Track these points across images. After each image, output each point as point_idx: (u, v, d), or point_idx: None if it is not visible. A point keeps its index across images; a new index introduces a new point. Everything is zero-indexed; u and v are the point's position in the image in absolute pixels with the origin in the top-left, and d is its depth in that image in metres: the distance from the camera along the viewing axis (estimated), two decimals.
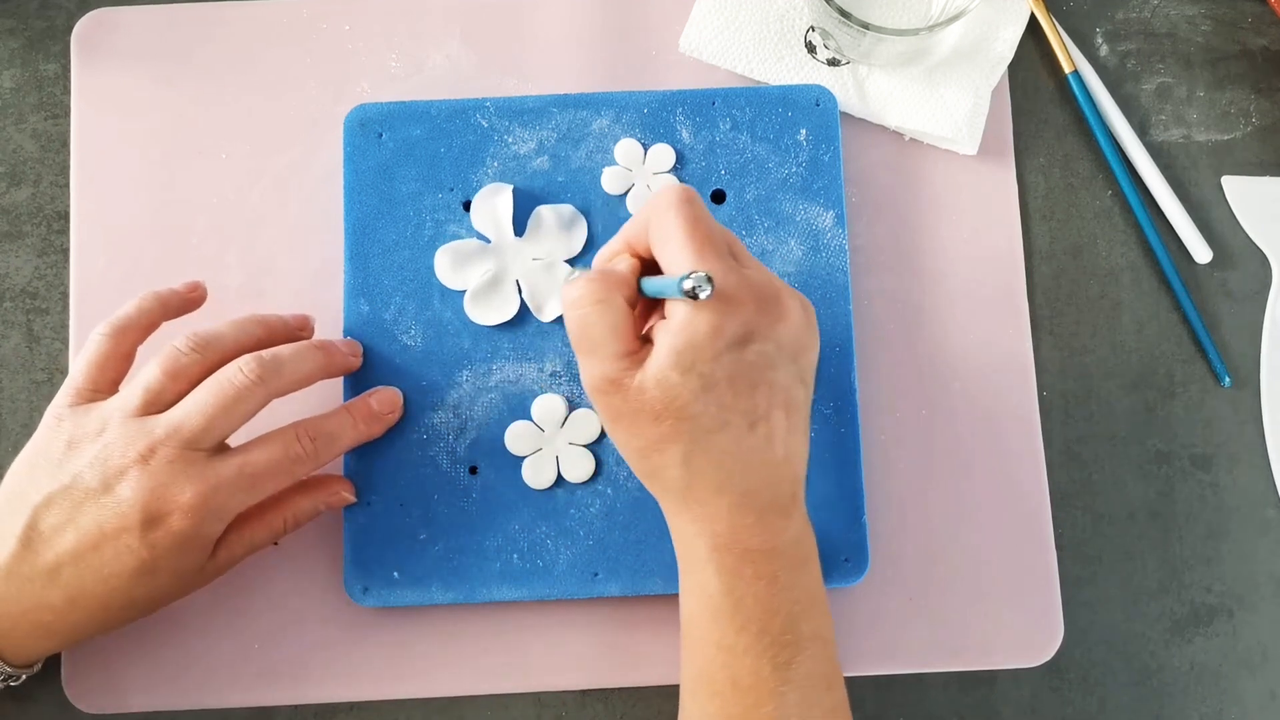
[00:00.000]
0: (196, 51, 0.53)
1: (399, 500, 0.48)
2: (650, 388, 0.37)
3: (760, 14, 0.53)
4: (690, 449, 0.38)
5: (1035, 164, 0.53)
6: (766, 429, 0.38)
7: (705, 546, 0.39)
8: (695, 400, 0.37)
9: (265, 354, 0.43)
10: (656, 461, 0.39)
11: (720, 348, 0.37)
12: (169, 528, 0.41)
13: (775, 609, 0.39)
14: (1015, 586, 0.49)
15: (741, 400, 0.38)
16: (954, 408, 0.50)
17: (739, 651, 0.38)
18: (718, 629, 0.39)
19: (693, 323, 0.37)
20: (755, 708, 0.38)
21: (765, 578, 0.39)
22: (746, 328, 0.37)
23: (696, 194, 0.39)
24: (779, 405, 0.39)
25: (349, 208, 0.50)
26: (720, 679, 0.39)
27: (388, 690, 0.48)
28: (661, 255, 0.39)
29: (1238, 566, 0.50)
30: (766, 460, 0.39)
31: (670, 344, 0.37)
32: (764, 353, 0.38)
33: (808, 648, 0.39)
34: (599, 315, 0.38)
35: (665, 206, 0.39)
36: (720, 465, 0.38)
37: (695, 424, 0.37)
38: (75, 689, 0.48)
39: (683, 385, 0.37)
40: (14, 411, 0.51)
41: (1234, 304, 0.52)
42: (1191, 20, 0.55)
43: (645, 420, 0.38)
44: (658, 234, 0.39)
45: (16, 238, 0.52)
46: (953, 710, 0.49)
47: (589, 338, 0.38)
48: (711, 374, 0.37)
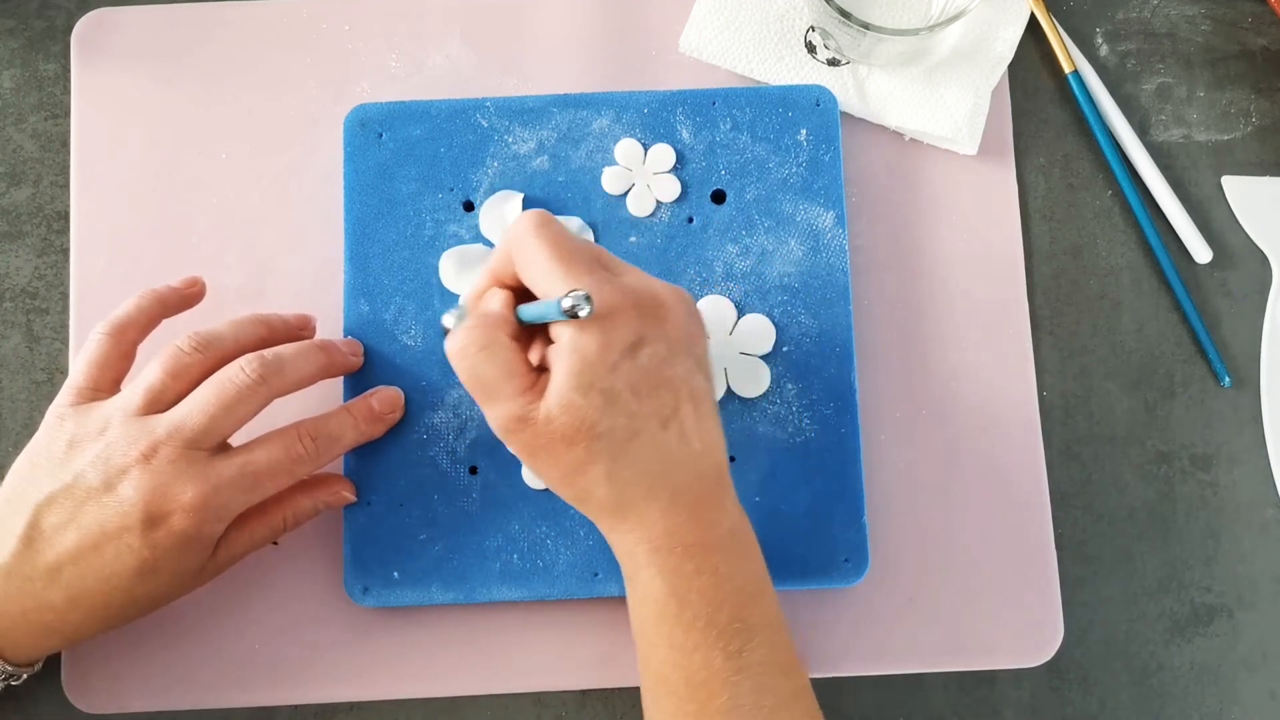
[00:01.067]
0: (196, 51, 0.53)
1: (399, 500, 0.48)
2: (557, 415, 0.38)
3: (760, 14, 0.53)
4: (610, 465, 0.38)
5: (1035, 164, 0.53)
6: (678, 425, 0.39)
7: (645, 552, 0.39)
8: (603, 416, 0.38)
9: (267, 353, 0.43)
10: (582, 485, 0.39)
11: (613, 360, 0.38)
12: (170, 527, 0.41)
13: (720, 601, 0.39)
14: (1015, 586, 0.49)
15: (647, 404, 0.38)
16: (954, 408, 0.50)
17: (689, 648, 0.38)
18: (666, 630, 0.39)
19: (581, 342, 0.37)
20: (710, 700, 0.38)
21: (707, 571, 0.39)
22: (635, 334, 0.38)
23: (550, 216, 0.40)
24: (684, 399, 0.39)
25: (349, 208, 0.50)
26: (674, 678, 0.39)
27: (388, 690, 0.48)
28: (531, 282, 0.39)
29: (1238, 566, 0.50)
30: (685, 455, 0.39)
31: (565, 368, 0.38)
32: (656, 354, 0.39)
33: (757, 634, 0.39)
34: (487, 361, 0.39)
35: (523, 233, 0.39)
36: (644, 472, 0.39)
37: (609, 439, 0.38)
38: (75, 689, 0.48)
39: (587, 405, 0.37)
40: (14, 411, 0.51)
41: (1234, 304, 0.53)
42: (1191, 20, 0.55)
43: (560, 448, 0.38)
44: (523, 262, 0.39)
45: (16, 238, 0.52)
46: (953, 710, 0.49)
47: (484, 384, 0.39)
48: (612, 387, 0.38)
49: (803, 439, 0.48)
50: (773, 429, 0.48)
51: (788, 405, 0.49)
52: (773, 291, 0.49)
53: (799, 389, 0.49)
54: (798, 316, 0.49)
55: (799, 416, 0.48)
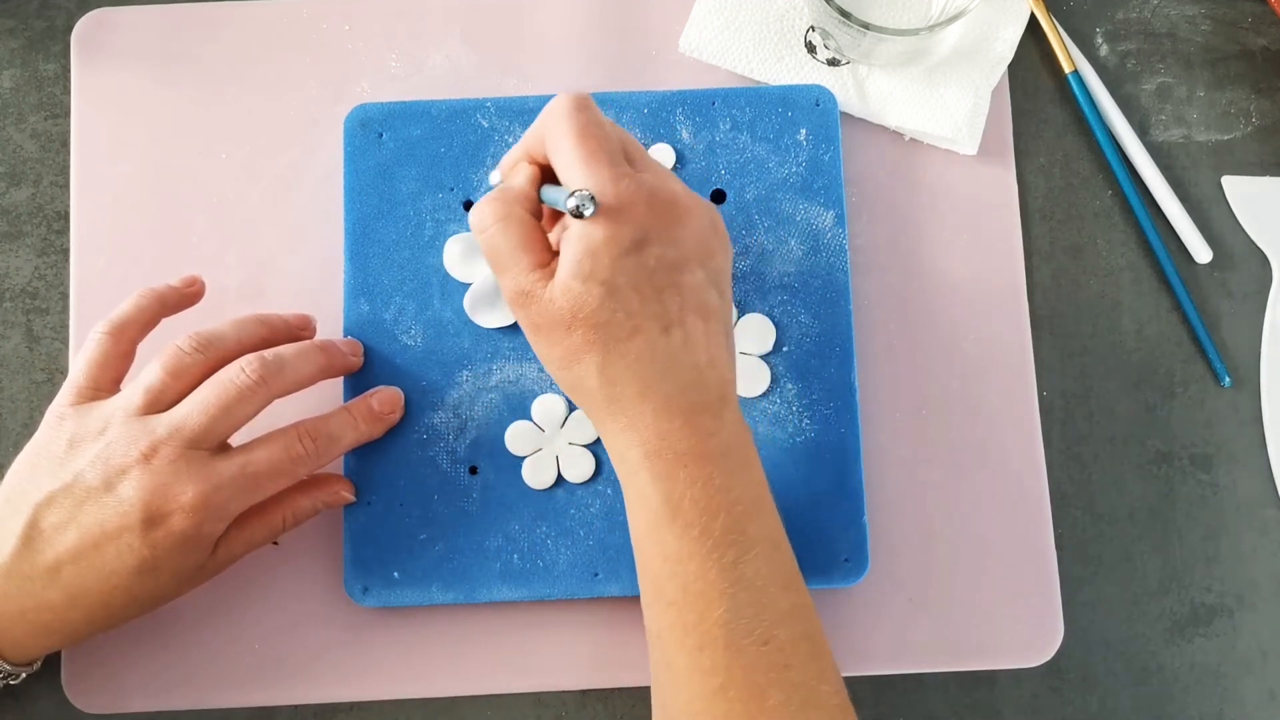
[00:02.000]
0: (196, 51, 0.53)
1: (399, 500, 0.48)
2: (558, 298, 0.38)
3: (760, 14, 0.53)
4: (605, 357, 0.38)
5: (1035, 164, 0.53)
6: (682, 333, 0.39)
7: (637, 455, 0.39)
8: (601, 308, 0.38)
9: (267, 354, 0.43)
10: (577, 371, 0.39)
11: (617, 253, 0.38)
12: (170, 527, 0.41)
13: (715, 511, 0.38)
14: (1015, 586, 0.49)
15: (649, 305, 0.38)
16: (954, 408, 0.50)
17: (684, 557, 0.38)
18: (660, 538, 0.39)
19: (587, 231, 0.38)
20: (708, 611, 0.38)
21: (700, 480, 0.39)
22: (642, 231, 0.38)
23: (590, 100, 0.40)
24: (692, 310, 0.39)
25: (349, 208, 0.50)
26: (671, 588, 0.39)
27: (388, 690, 0.48)
28: (555, 164, 0.39)
29: (1238, 566, 0.50)
30: (686, 363, 0.39)
31: (570, 254, 0.38)
32: (664, 256, 0.38)
33: (755, 548, 0.39)
34: (502, 232, 0.39)
35: (558, 115, 0.39)
36: (638, 371, 0.39)
37: (606, 331, 0.38)
38: (75, 689, 0.48)
39: (586, 293, 0.38)
40: (14, 411, 0.51)
41: (1234, 304, 0.53)
42: (1191, 20, 0.55)
43: (559, 330, 0.39)
44: (551, 143, 0.39)
45: (16, 238, 0.52)
46: (953, 710, 0.49)
47: (498, 255, 0.39)
48: (613, 280, 0.38)
49: (803, 439, 0.48)
50: (773, 429, 0.48)
51: (788, 405, 0.49)
52: (773, 291, 0.49)
53: (799, 389, 0.49)
54: (798, 316, 0.49)
55: (799, 416, 0.48)
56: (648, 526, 0.39)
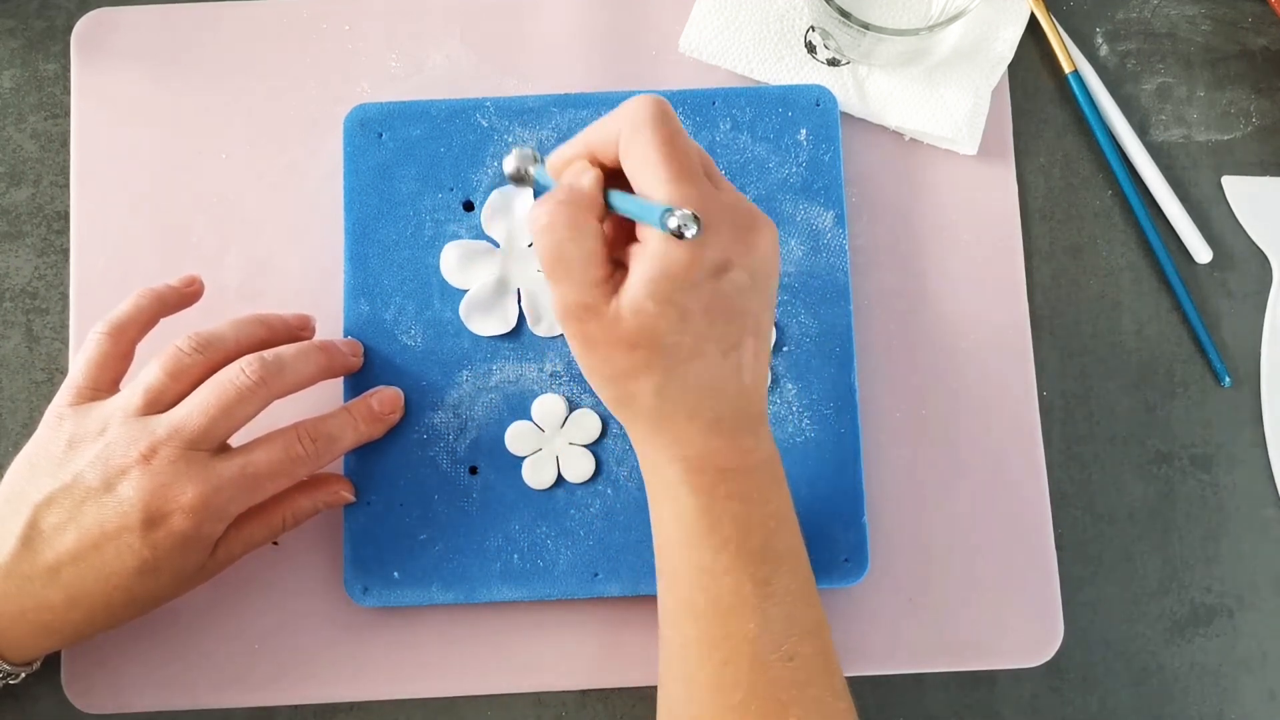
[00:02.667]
0: (197, 51, 0.53)
1: (399, 500, 0.48)
2: (626, 317, 0.36)
3: (760, 14, 0.53)
4: (665, 379, 0.37)
5: (1035, 164, 0.53)
6: (737, 357, 0.38)
7: (678, 470, 0.39)
8: (671, 331, 0.36)
9: (267, 354, 0.43)
10: (629, 389, 0.38)
11: (697, 278, 0.36)
12: (170, 527, 0.41)
13: (751, 526, 0.38)
14: (1015, 586, 0.49)
15: (716, 329, 0.37)
16: (954, 408, 0.50)
17: (718, 571, 0.38)
18: (695, 552, 0.38)
19: (670, 252, 0.35)
20: (738, 626, 0.38)
21: (739, 496, 0.38)
22: (724, 256, 0.36)
23: (670, 107, 0.37)
24: (749, 332, 0.38)
25: (349, 208, 0.50)
26: (701, 601, 0.38)
27: (388, 690, 0.48)
28: (634, 175, 0.37)
29: (1238, 566, 0.50)
30: (736, 386, 0.38)
31: (646, 273, 0.36)
32: (738, 282, 0.37)
33: (785, 563, 0.39)
34: (573, 241, 0.36)
35: (641, 123, 0.36)
36: (693, 393, 0.38)
37: (671, 354, 0.37)
38: (75, 689, 0.48)
39: (659, 316, 0.36)
40: (14, 411, 0.51)
41: (1234, 304, 0.53)
42: (1191, 20, 0.55)
43: (620, 349, 0.37)
44: (631, 153, 0.37)
45: (16, 238, 0.52)
46: (953, 710, 0.49)
47: (564, 264, 0.36)
48: (688, 304, 0.36)
49: (803, 439, 0.48)
50: (773, 429, 0.48)
51: (788, 405, 0.49)
52: None
53: (799, 389, 0.49)
54: (798, 316, 0.49)
55: (799, 416, 0.48)
56: (680, 539, 0.39)
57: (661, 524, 0.40)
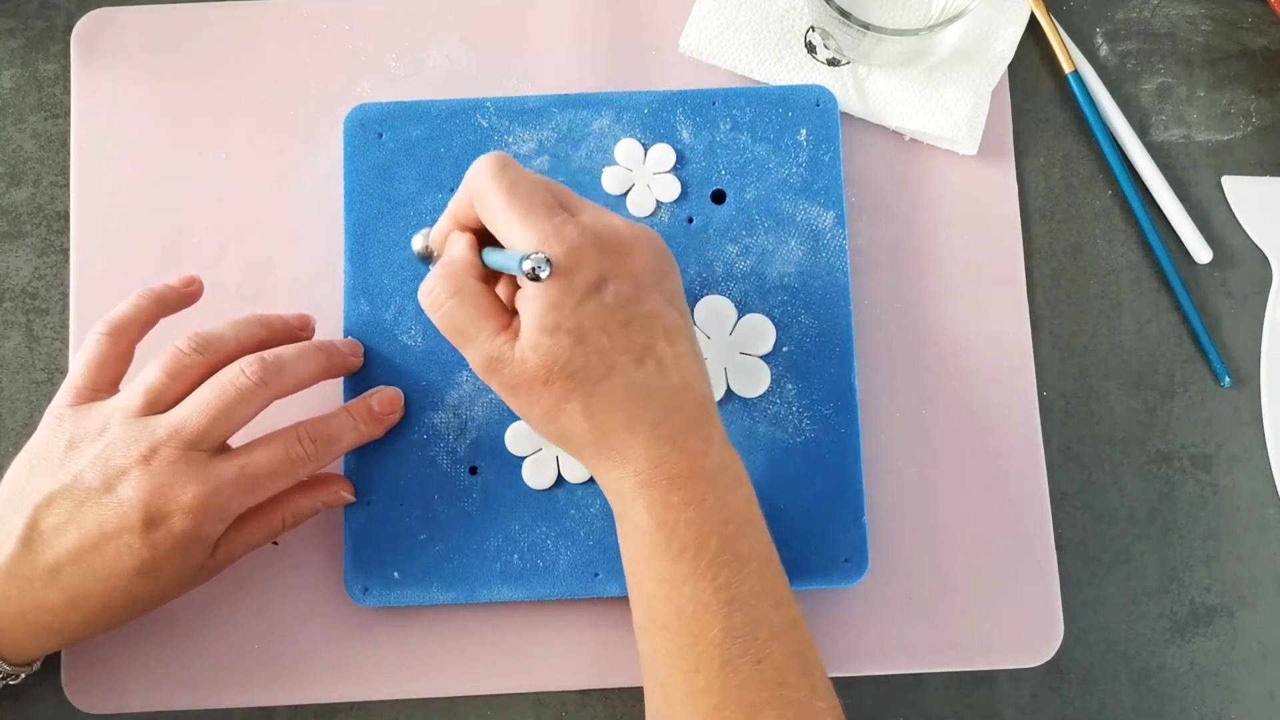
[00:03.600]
0: (196, 51, 0.53)
1: (399, 500, 0.48)
2: (529, 356, 0.39)
3: (760, 14, 0.53)
4: (587, 400, 0.39)
5: (1035, 164, 0.53)
6: (655, 360, 0.39)
7: (631, 486, 0.39)
8: (574, 355, 0.38)
9: (267, 355, 0.43)
10: (562, 422, 0.40)
11: (577, 300, 0.38)
12: (170, 528, 0.41)
13: (708, 531, 0.39)
14: (1015, 586, 0.49)
15: (619, 341, 0.39)
16: (954, 408, 0.50)
17: (679, 581, 0.38)
18: (656, 563, 0.39)
19: (544, 286, 0.38)
20: (703, 633, 0.38)
21: (693, 503, 0.39)
22: (598, 273, 0.39)
23: (508, 157, 0.40)
24: (659, 335, 0.40)
25: (349, 208, 0.50)
26: (665, 612, 0.39)
27: (388, 690, 0.48)
28: (494, 229, 0.40)
29: (1238, 566, 0.50)
30: (664, 389, 0.40)
31: (531, 311, 0.39)
32: (622, 291, 0.39)
33: (747, 565, 0.39)
34: (459, 306, 0.40)
35: (482, 180, 0.40)
36: (621, 406, 0.39)
37: (584, 377, 0.39)
38: (75, 689, 0.48)
39: (556, 345, 0.38)
40: (14, 411, 0.51)
41: (1234, 304, 0.53)
42: (1191, 20, 0.55)
43: (536, 387, 0.39)
44: (483, 209, 0.40)
45: (16, 238, 0.52)
46: (953, 710, 0.49)
47: (459, 329, 0.40)
48: (579, 326, 0.38)
49: (803, 439, 0.48)
50: (773, 429, 0.48)
51: (788, 405, 0.49)
52: (773, 291, 0.49)
53: (799, 389, 0.49)
54: (798, 316, 0.49)
55: (799, 416, 0.48)
56: (642, 553, 0.39)
57: (624, 543, 0.41)
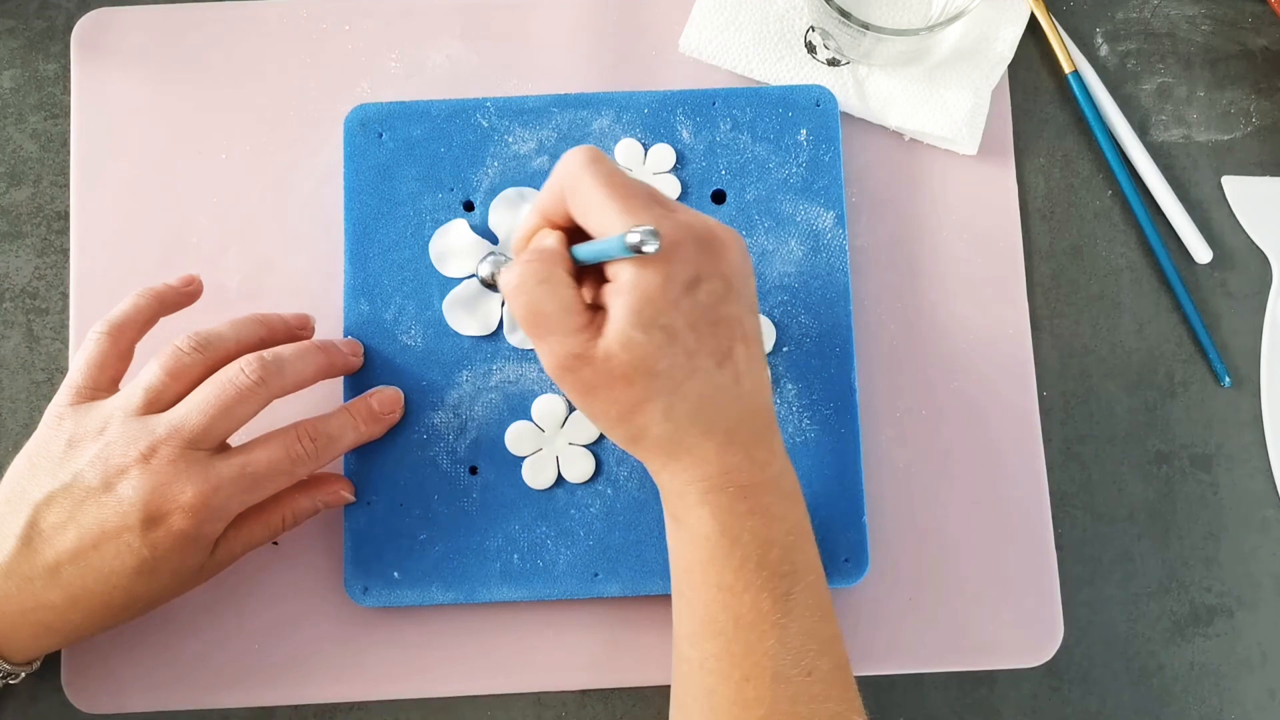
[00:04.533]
0: (196, 51, 0.53)
1: (399, 500, 0.48)
2: (617, 352, 0.37)
3: (760, 14, 0.53)
4: (669, 402, 0.38)
5: (1035, 164, 0.53)
6: (732, 365, 0.39)
7: (697, 491, 0.39)
8: (663, 354, 0.37)
9: (267, 354, 0.43)
10: (639, 423, 0.39)
11: (674, 296, 0.37)
12: (170, 527, 0.41)
13: (771, 541, 0.39)
14: (1015, 586, 0.49)
15: (706, 342, 0.38)
16: (954, 408, 0.50)
17: (739, 589, 0.38)
18: (716, 570, 0.39)
19: (642, 278, 0.37)
20: (759, 642, 0.38)
21: (759, 512, 0.39)
22: (694, 270, 0.38)
23: (600, 151, 0.39)
24: (738, 339, 0.39)
25: (349, 208, 0.50)
26: (722, 619, 0.38)
27: (388, 690, 0.48)
28: (587, 221, 0.38)
29: (1238, 566, 0.50)
30: (738, 395, 0.39)
31: (625, 304, 0.37)
32: (714, 291, 0.38)
33: (804, 579, 0.39)
34: (548, 295, 0.38)
35: (578, 172, 0.38)
36: (700, 410, 0.38)
37: (669, 377, 0.38)
38: (75, 689, 0.48)
39: (648, 342, 0.37)
40: (14, 411, 0.51)
41: (1234, 304, 0.53)
42: (1191, 20, 0.55)
43: (619, 386, 0.38)
44: (578, 201, 0.38)
45: (16, 238, 0.52)
46: (953, 710, 0.49)
47: (543, 319, 0.38)
48: (672, 324, 0.37)
49: (803, 439, 0.48)
50: None
51: (788, 405, 0.49)
52: (773, 291, 0.49)
53: (799, 389, 0.49)
54: (798, 316, 0.49)
55: (799, 416, 0.48)
56: (701, 558, 0.39)
57: (680, 546, 0.40)
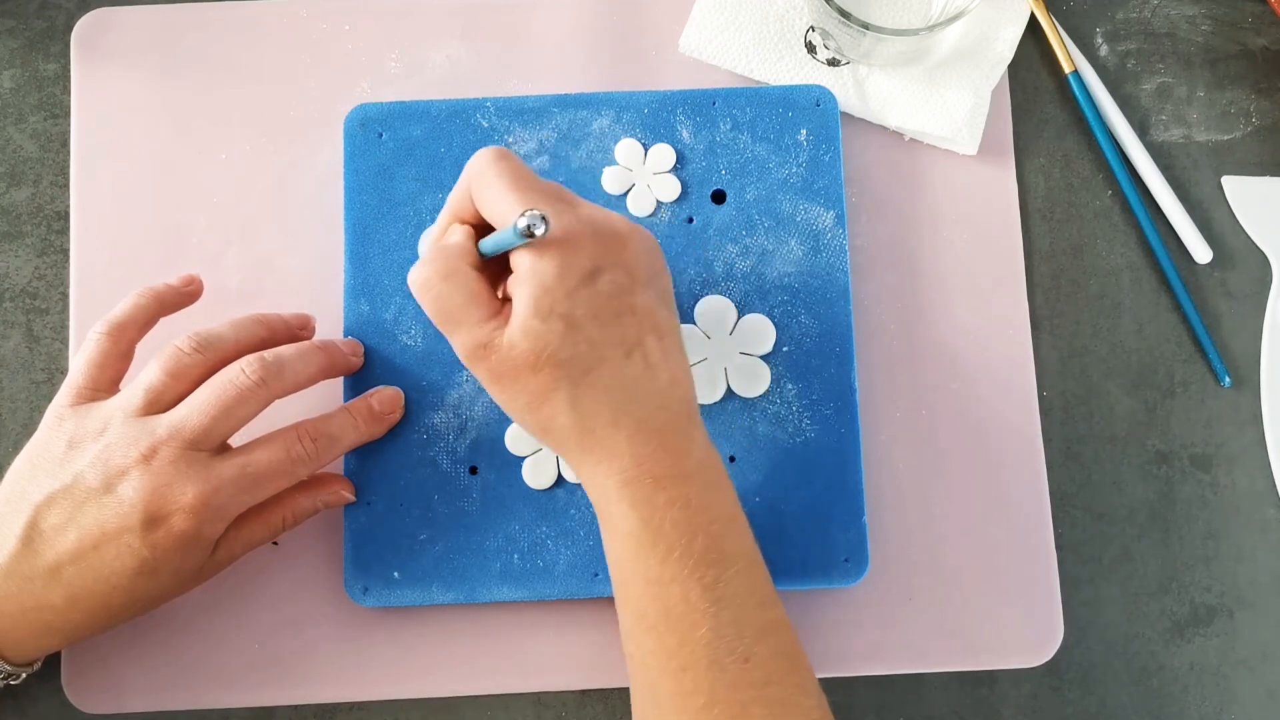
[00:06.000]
0: (196, 52, 0.53)
1: (399, 500, 0.48)
2: (519, 341, 0.38)
3: (760, 14, 0.53)
4: (574, 391, 0.38)
5: (1035, 164, 0.53)
6: (642, 355, 0.39)
7: (615, 484, 0.39)
8: (564, 342, 0.38)
9: (267, 354, 0.43)
10: (546, 413, 0.39)
11: (572, 285, 0.38)
12: (170, 528, 0.41)
13: (694, 530, 0.39)
14: (1015, 586, 0.49)
15: (609, 332, 0.39)
16: (954, 408, 0.50)
17: (666, 581, 0.38)
18: (642, 563, 0.39)
19: (539, 268, 0.38)
20: (691, 632, 0.38)
21: (679, 502, 0.39)
22: (592, 260, 0.38)
23: (507, 150, 0.40)
24: (648, 330, 0.39)
25: (349, 208, 0.50)
26: (653, 612, 0.39)
27: (388, 690, 0.48)
28: (491, 213, 0.39)
29: (1238, 566, 0.50)
30: (651, 385, 0.39)
31: (525, 294, 0.38)
32: (616, 281, 0.39)
33: (734, 565, 0.39)
34: (451, 288, 0.39)
35: (483, 167, 0.39)
36: (607, 399, 0.39)
37: (572, 365, 0.38)
38: (75, 689, 0.48)
39: (548, 330, 0.38)
40: (14, 411, 0.51)
41: (1234, 304, 0.53)
42: (1191, 20, 0.55)
43: (524, 374, 0.38)
44: (482, 195, 0.39)
45: (16, 238, 0.52)
46: (953, 710, 0.49)
47: (449, 313, 0.39)
48: (572, 312, 0.38)
49: (803, 439, 0.48)
50: (773, 429, 0.48)
51: (788, 405, 0.49)
52: (773, 291, 0.49)
53: (799, 389, 0.49)
54: (798, 316, 0.49)
55: (799, 416, 0.48)
56: (628, 553, 0.39)
57: (609, 541, 0.41)
